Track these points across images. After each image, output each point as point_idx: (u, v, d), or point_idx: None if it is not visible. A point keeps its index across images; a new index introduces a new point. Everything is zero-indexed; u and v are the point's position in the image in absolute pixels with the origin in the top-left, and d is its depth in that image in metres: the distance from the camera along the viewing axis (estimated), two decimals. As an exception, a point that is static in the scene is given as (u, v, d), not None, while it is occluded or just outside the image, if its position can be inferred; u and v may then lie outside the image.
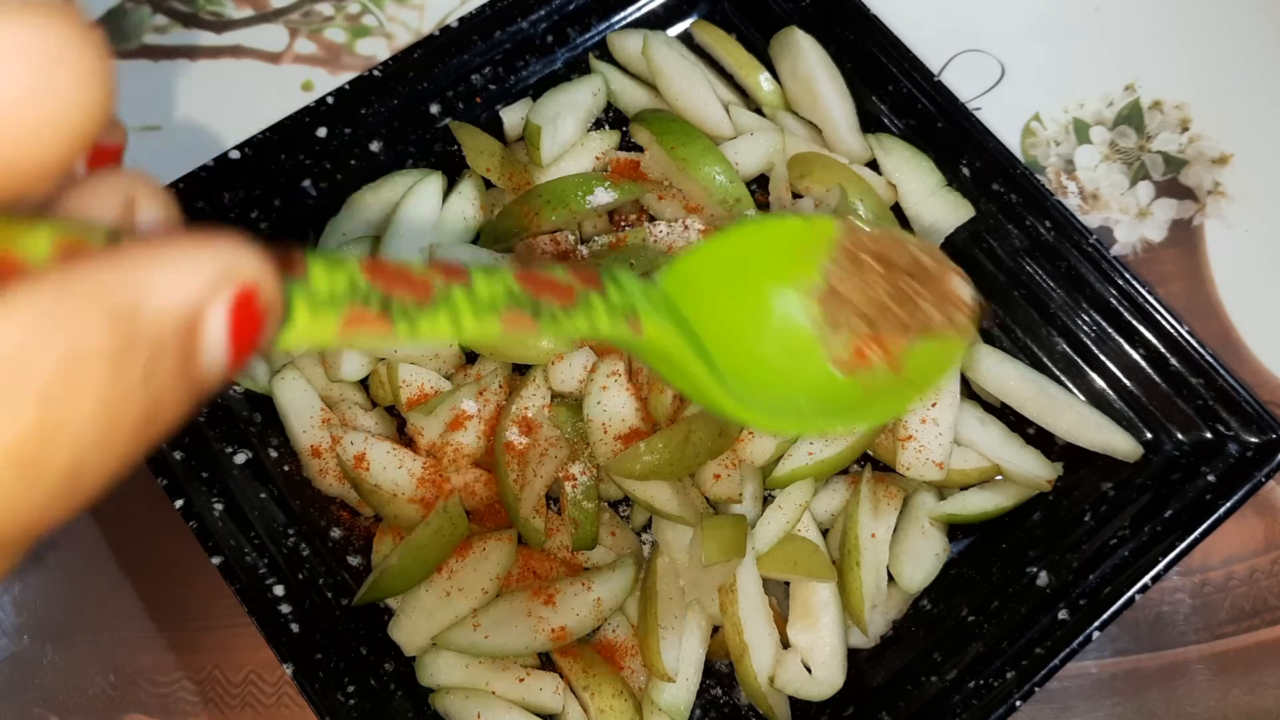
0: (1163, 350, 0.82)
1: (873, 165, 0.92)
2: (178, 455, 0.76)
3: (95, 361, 0.24)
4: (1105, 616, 0.73)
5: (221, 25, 1.05)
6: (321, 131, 0.86)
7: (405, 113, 0.89)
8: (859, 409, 0.61)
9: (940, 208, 0.89)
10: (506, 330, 0.42)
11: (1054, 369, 0.88)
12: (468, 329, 0.40)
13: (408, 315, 0.40)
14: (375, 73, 0.86)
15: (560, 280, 0.46)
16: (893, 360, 0.61)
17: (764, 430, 0.75)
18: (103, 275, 0.25)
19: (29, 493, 0.24)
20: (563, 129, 0.88)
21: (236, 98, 1.02)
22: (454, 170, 0.90)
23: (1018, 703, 0.71)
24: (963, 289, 0.62)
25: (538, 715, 0.76)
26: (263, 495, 0.79)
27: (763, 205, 0.90)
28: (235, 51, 1.04)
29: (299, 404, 0.81)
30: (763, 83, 0.94)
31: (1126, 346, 0.84)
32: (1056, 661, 0.72)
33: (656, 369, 0.56)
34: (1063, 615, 0.75)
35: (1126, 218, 1.00)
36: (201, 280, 0.26)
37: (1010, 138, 1.01)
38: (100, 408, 0.24)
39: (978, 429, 0.83)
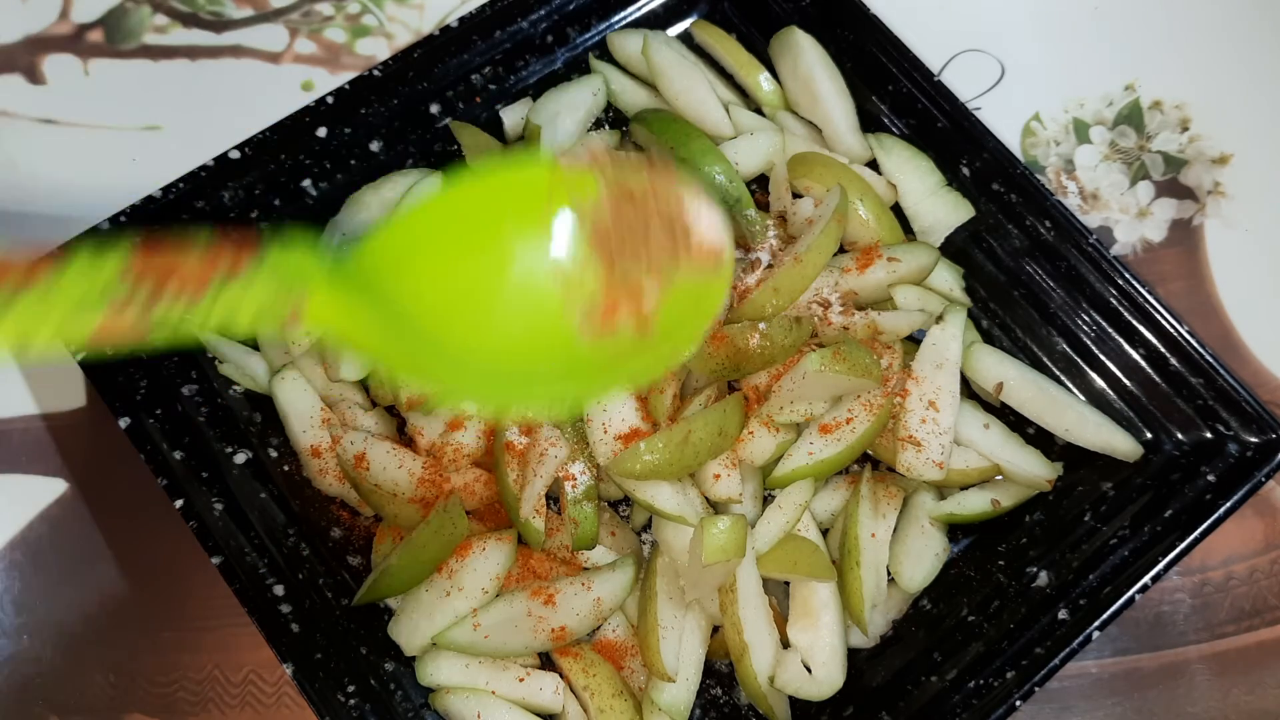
0: (1163, 350, 0.82)
1: (873, 165, 0.92)
2: (178, 455, 0.76)
3: None
4: (1105, 616, 0.73)
5: (221, 25, 1.05)
6: (321, 131, 0.86)
7: (405, 112, 0.89)
8: (605, 373, 0.57)
9: (940, 207, 0.89)
10: (100, 335, 0.38)
11: (1054, 369, 0.88)
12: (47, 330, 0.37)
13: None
14: (375, 72, 0.86)
15: (191, 264, 0.41)
16: (642, 321, 0.57)
17: (483, 402, 0.67)
18: None
19: None
20: (563, 128, 0.88)
21: (236, 97, 1.02)
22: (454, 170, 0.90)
23: (1018, 702, 0.71)
24: (713, 229, 0.58)
25: (538, 715, 0.76)
26: (263, 495, 0.79)
27: (763, 205, 0.90)
28: (235, 51, 1.04)
29: (299, 404, 0.81)
30: (763, 82, 0.94)
31: (1126, 346, 0.84)
32: (1056, 661, 0.72)
33: (337, 342, 0.52)
34: (1063, 615, 0.75)
35: (1126, 217, 1.00)
36: None
37: (1010, 137, 1.01)
38: None
39: (978, 429, 0.83)
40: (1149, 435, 0.84)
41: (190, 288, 0.42)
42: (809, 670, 0.77)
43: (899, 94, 0.91)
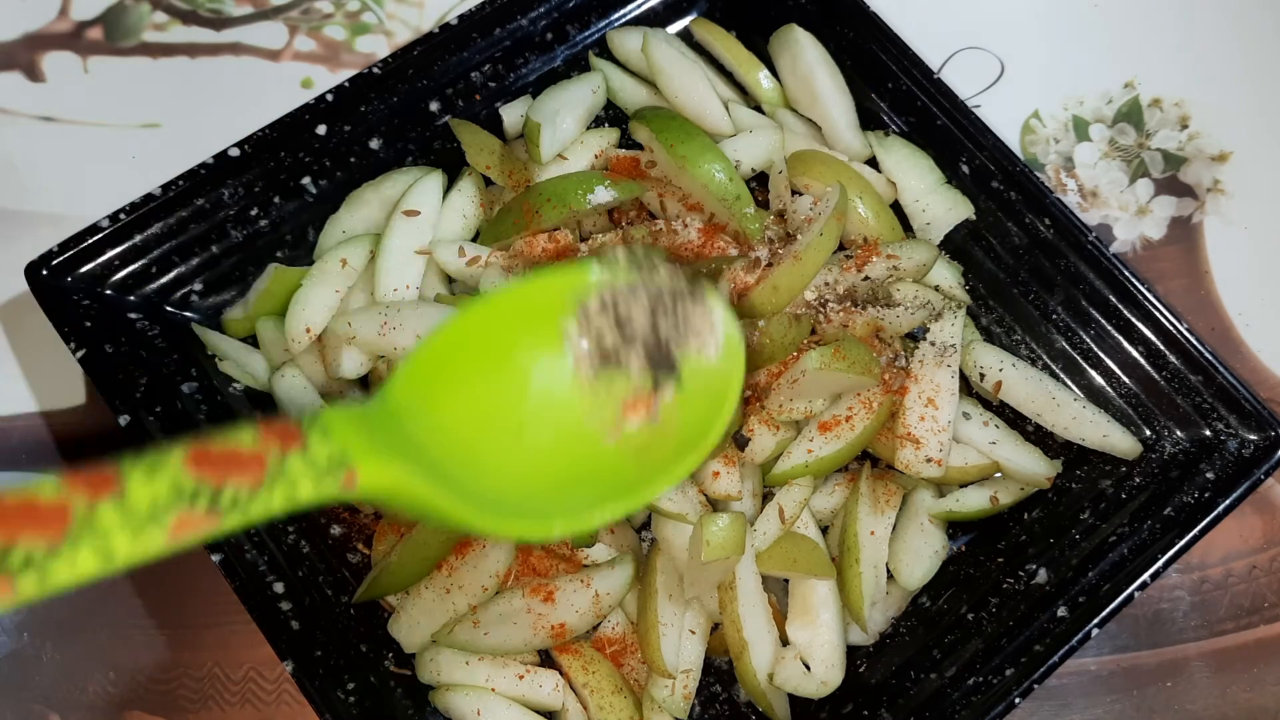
0: (1162, 348, 0.82)
1: (872, 163, 0.92)
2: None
3: None
4: (1104, 614, 0.73)
5: (221, 22, 1.05)
6: (321, 129, 0.86)
7: (405, 110, 0.89)
8: (637, 483, 0.57)
9: (940, 205, 0.89)
10: (173, 541, 0.37)
11: (1053, 366, 0.88)
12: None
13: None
14: (375, 70, 0.86)
15: (245, 450, 0.41)
16: (655, 415, 0.57)
17: (535, 537, 0.67)
18: None
19: None
20: (562, 126, 0.88)
21: (236, 95, 1.02)
22: (454, 168, 0.90)
23: (1017, 700, 0.71)
24: (715, 319, 0.59)
25: (537, 712, 0.76)
26: (262, 493, 0.79)
27: (762, 203, 0.90)
28: (235, 49, 1.04)
29: (299, 401, 0.81)
30: (762, 80, 0.94)
31: (1125, 344, 0.84)
32: (1056, 659, 0.72)
33: (384, 505, 0.50)
34: (1062, 612, 0.75)
35: (1126, 215, 1.00)
36: None
37: (1010, 135, 1.01)
38: None
39: (977, 426, 0.83)
40: (1148, 433, 0.84)
41: (249, 474, 0.41)
42: (808, 667, 0.77)
43: (898, 92, 0.91)
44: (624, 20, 0.96)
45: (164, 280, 0.84)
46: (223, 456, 0.41)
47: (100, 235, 0.79)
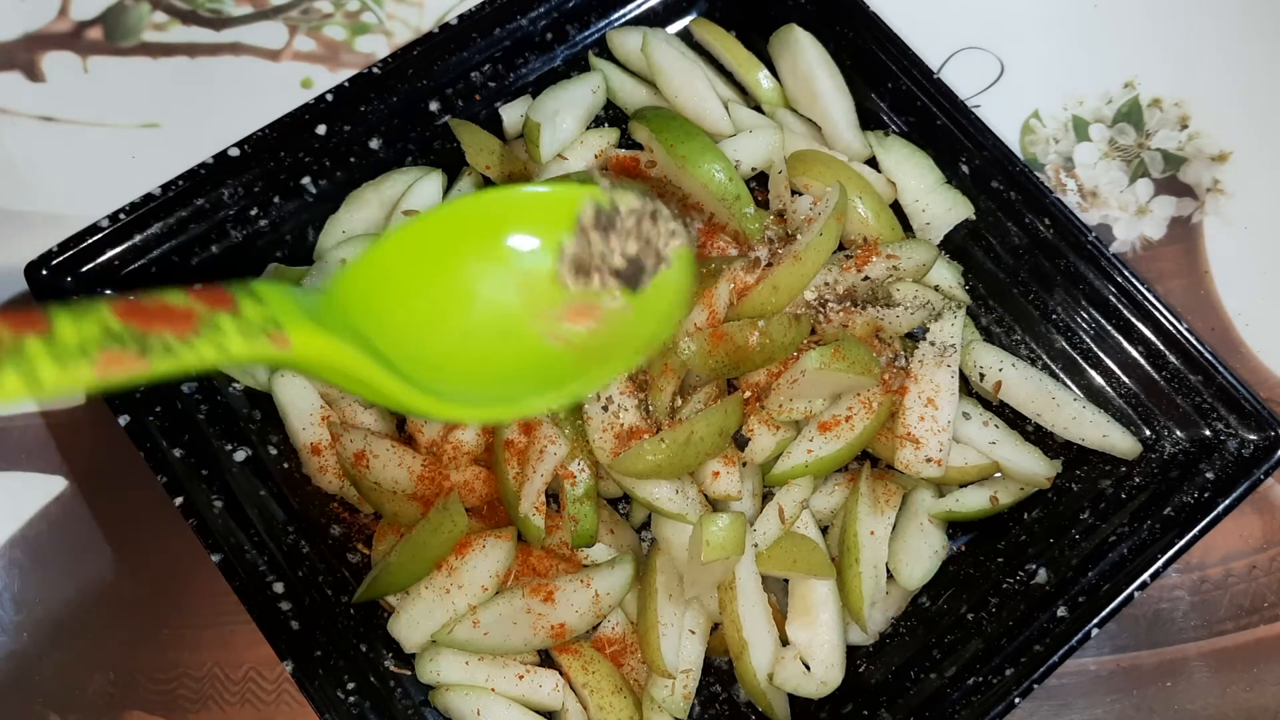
0: (1161, 347, 0.82)
1: (872, 163, 0.92)
2: (177, 453, 0.76)
3: None
4: (1104, 614, 0.73)
5: (221, 22, 1.05)
6: (321, 129, 0.86)
7: (405, 110, 0.89)
8: (575, 376, 0.61)
9: (939, 205, 0.89)
10: (101, 376, 0.41)
11: (1053, 366, 0.88)
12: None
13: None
14: (375, 70, 0.86)
15: (176, 305, 0.44)
16: (601, 321, 0.62)
17: (470, 420, 0.72)
18: None
19: None
20: (562, 126, 0.88)
21: (236, 95, 1.02)
22: (454, 168, 0.90)
23: (1017, 700, 0.71)
24: (674, 234, 0.64)
25: (537, 712, 0.76)
26: (262, 493, 0.79)
27: (762, 203, 0.90)
28: (234, 49, 1.04)
29: (299, 401, 0.81)
30: (762, 80, 0.94)
31: (1125, 344, 0.84)
32: (1055, 659, 0.72)
33: (321, 377, 0.54)
34: (1062, 612, 0.75)
35: (1125, 215, 1.00)
36: None
37: (1009, 135, 1.02)
38: None
39: (976, 426, 0.83)
40: (1148, 432, 0.84)
41: (178, 325, 0.43)
42: (808, 667, 0.77)
43: (898, 91, 0.91)
44: (624, 20, 0.96)
45: (164, 280, 0.84)
46: (152, 309, 0.43)
47: (100, 235, 0.79)
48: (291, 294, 0.50)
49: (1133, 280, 0.82)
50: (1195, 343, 0.80)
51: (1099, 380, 0.86)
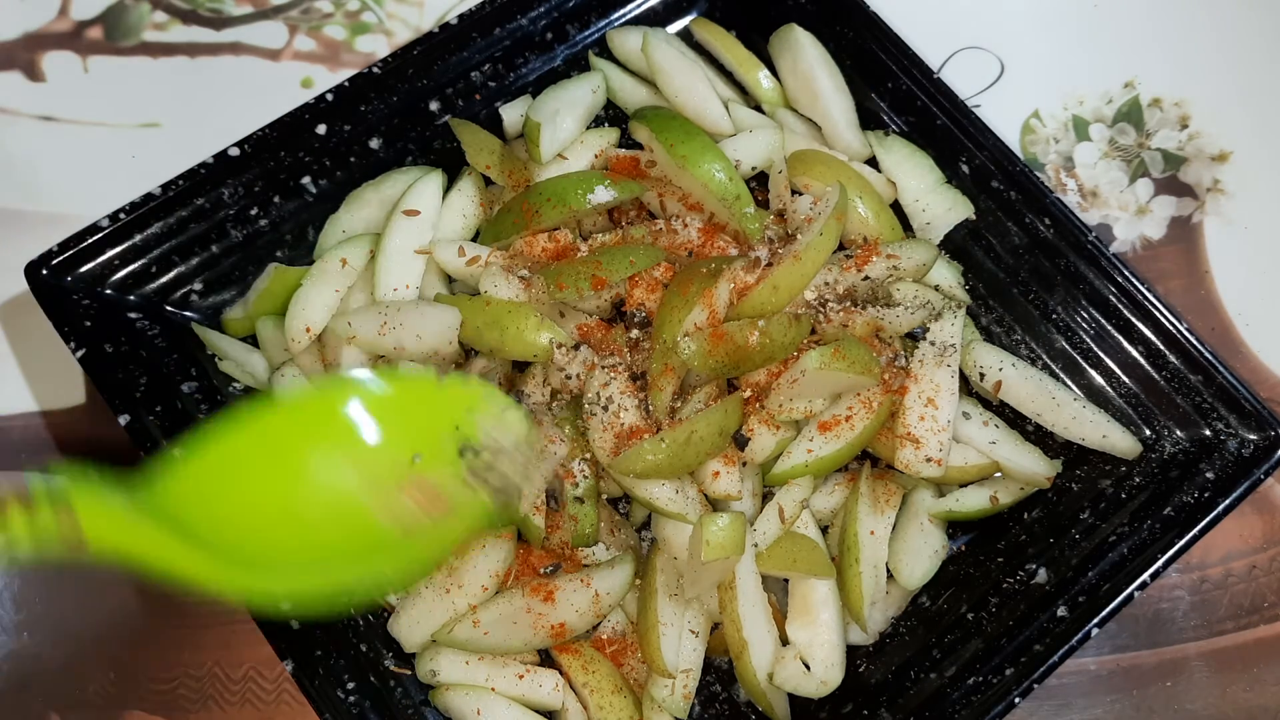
0: (1162, 347, 0.82)
1: (872, 162, 0.92)
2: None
3: None
4: (1104, 613, 0.73)
5: (221, 22, 1.05)
6: (321, 129, 0.86)
7: (405, 110, 0.89)
8: (395, 554, 0.65)
9: (939, 205, 0.89)
10: None
11: (1053, 366, 0.88)
12: None
13: None
14: (375, 70, 0.86)
15: None
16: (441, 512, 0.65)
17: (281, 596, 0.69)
18: None
19: None
20: (562, 126, 0.88)
21: (236, 95, 1.02)
22: (454, 167, 0.90)
23: (1017, 700, 0.71)
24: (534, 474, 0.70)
25: (537, 712, 0.76)
26: (262, 492, 0.79)
27: (762, 203, 0.90)
28: (234, 48, 1.04)
29: (298, 401, 0.81)
30: (762, 80, 0.94)
31: (1125, 344, 0.84)
32: (1055, 658, 0.72)
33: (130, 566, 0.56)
34: (1062, 612, 0.75)
35: (1126, 215, 1.00)
36: None
37: (1010, 135, 1.02)
38: None
39: (976, 426, 0.83)
40: (1148, 432, 0.84)
41: None
42: (808, 667, 0.77)
43: (898, 91, 0.91)
44: (624, 20, 0.96)
45: (164, 280, 0.84)
46: None
47: (100, 235, 0.79)
48: (98, 490, 0.53)
49: (1133, 280, 0.82)
50: (1195, 343, 0.80)
51: (1099, 380, 0.86)
